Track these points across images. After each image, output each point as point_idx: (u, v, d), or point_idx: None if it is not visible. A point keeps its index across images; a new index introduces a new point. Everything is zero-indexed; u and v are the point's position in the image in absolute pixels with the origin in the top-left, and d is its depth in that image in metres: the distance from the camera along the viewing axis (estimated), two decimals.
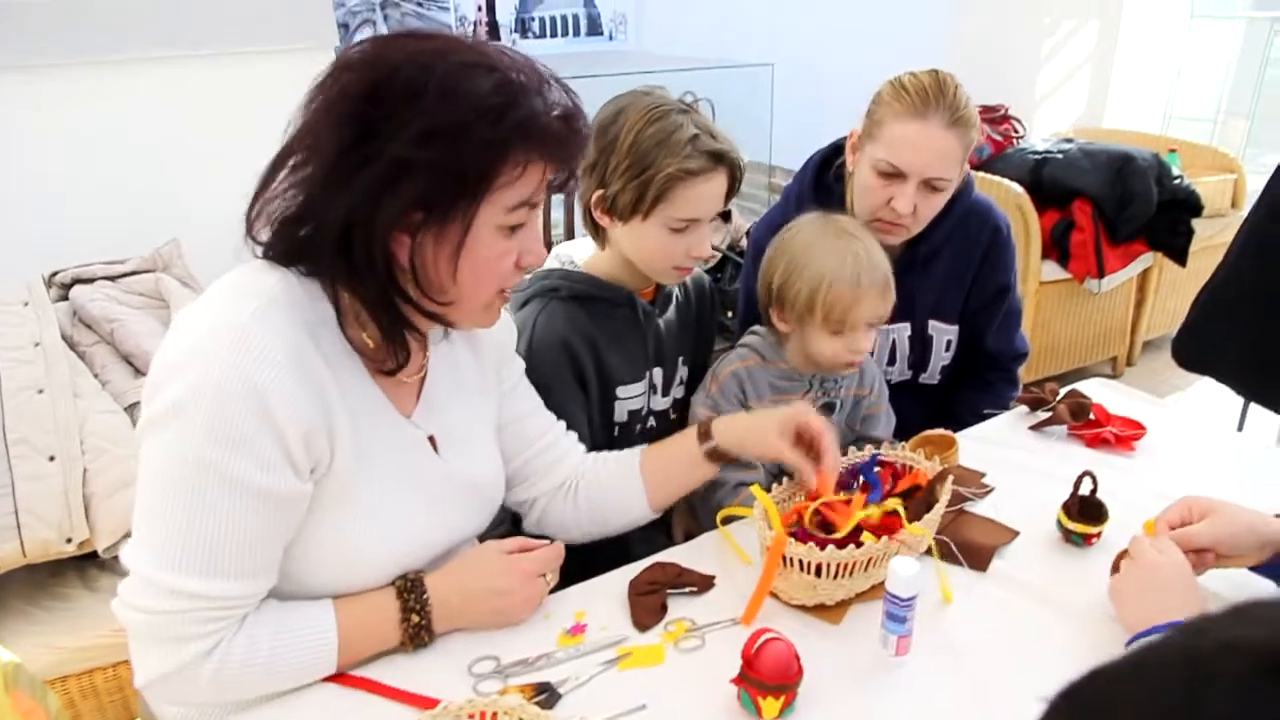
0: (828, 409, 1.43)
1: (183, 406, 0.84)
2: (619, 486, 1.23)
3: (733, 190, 1.30)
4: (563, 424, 1.26)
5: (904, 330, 1.61)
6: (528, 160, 0.89)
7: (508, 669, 0.98)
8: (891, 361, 1.63)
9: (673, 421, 1.48)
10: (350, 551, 0.98)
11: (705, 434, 1.21)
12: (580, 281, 1.35)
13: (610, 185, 1.25)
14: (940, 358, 1.64)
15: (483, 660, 0.99)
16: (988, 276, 1.61)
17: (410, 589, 1.00)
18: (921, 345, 1.63)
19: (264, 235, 0.92)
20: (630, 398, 1.40)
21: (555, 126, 0.90)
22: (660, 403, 1.46)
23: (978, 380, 1.69)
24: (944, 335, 1.63)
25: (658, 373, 1.44)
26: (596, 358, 1.35)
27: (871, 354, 1.53)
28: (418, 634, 0.99)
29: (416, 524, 1.03)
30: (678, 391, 1.49)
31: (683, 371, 1.49)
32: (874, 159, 1.43)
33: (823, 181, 1.60)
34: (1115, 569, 1.05)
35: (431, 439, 1.05)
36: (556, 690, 0.95)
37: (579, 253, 1.41)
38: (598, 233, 1.35)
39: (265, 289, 0.90)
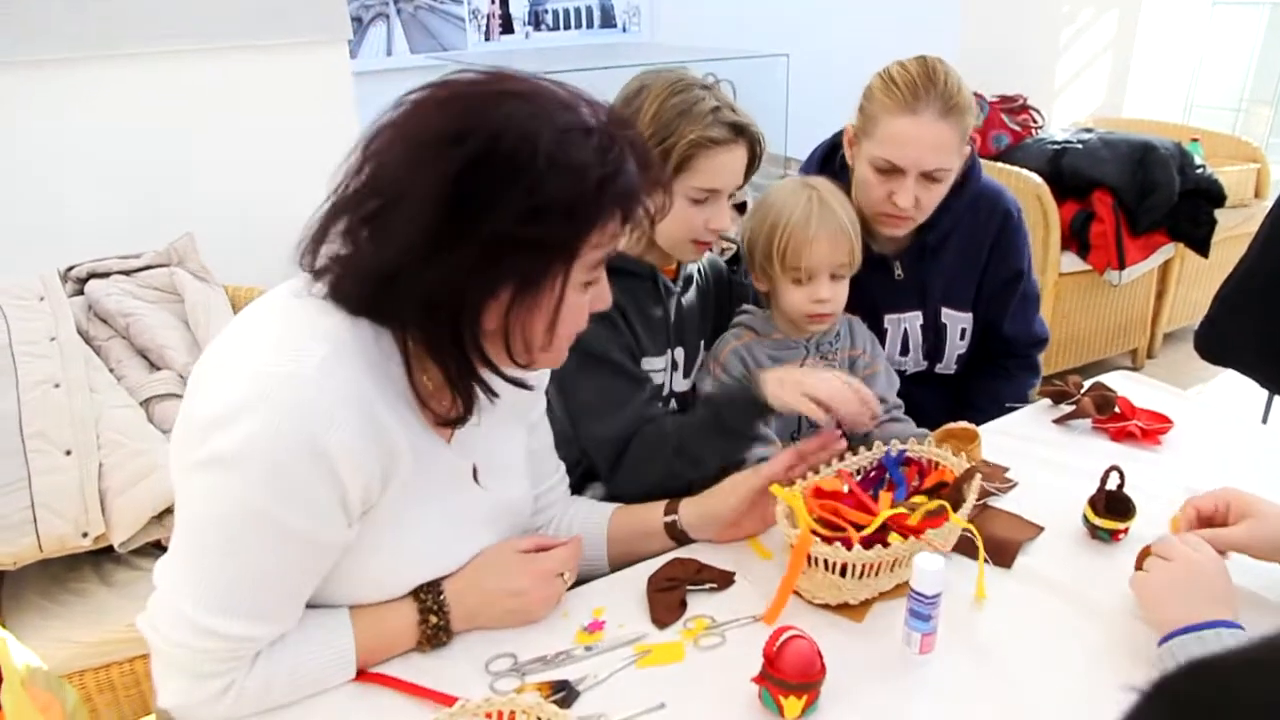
0: None
1: (244, 456, 0.81)
2: (583, 535, 1.18)
3: (752, 166, 1.31)
4: (563, 468, 1.24)
5: (915, 319, 1.59)
6: (612, 219, 0.87)
7: (525, 667, 0.97)
8: (905, 352, 1.61)
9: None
10: (380, 578, 0.97)
11: (671, 508, 1.18)
12: None
13: None
14: (955, 346, 1.62)
15: (500, 658, 0.98)
16: (1000, 262, 1.60)
17: (427, 590, 0.99)
18: (935, 334, 1.61)
19: (321, 265, 0.88)
20: (652, 371, 1.40)
21: (642, 181, 0.87)
22: (682, 384, 1.46)
23: (997, 368, 1.67)
24: (958, 323, 1.61)
25: (679, 352, 1.43)
26: (625, 323, 1.34)
27: (870, 329, 1.52)
28: (435, 635, 0.98)
29: (450, 554, 1.02)
30: (699, 376, 1.48)
31: (704, 355, 1.49)
32: (871, 155, 1.42)
33: (828, 171, 1.59)
34: (1139, 566, 1.03)
35: (474, 468, 1.04)
36: (574, 688, 0.93)
37: None
38: None
39: (329, 333, 0.85)
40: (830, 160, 1.60)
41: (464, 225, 0.80)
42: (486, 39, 4.28)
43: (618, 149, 0.85)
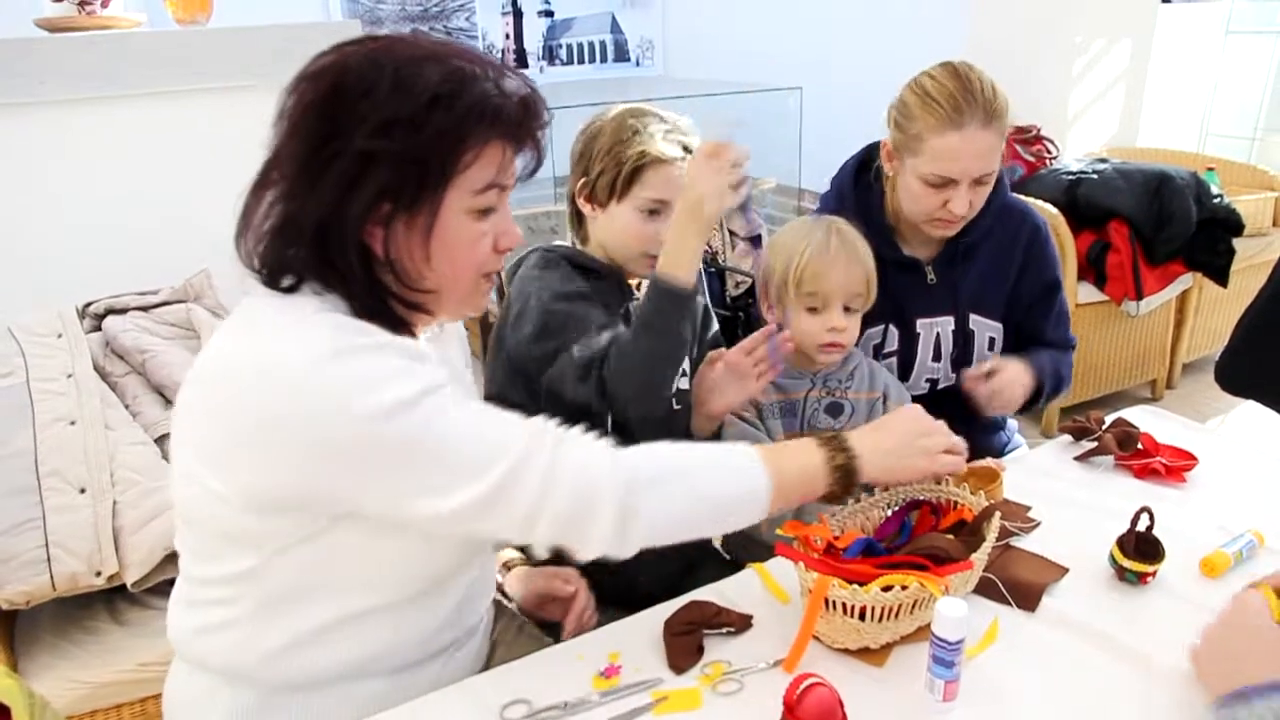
0: (834, 409, 1.41)
1: (314, 404, 0.83)
2: None
3: None
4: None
5: (947, 324, 1.59)
6: (485, 142, 0.91)
7: (540, 713, 0.95)
8: (936, 358, 1.60)
9: (675, 412, 1.45)
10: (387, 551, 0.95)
11: None
12: (568, 248, 1.43)
13: (591, 172, 1.35)
14: (983, 355, 1.61)
15: (514, 704, 0.96)
16: (1038, 271, 1.61)
17: (828, 437, 1.04)
18: (964, 340, 1.60)
19: (255, 264, 0.94)
20: None
21: (508, 108, 0.91)
22: None
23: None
24: (985, 331, 1.60)
25: None
26: (594, 310, 1.36)
27: (878, 349, 1.55)
28: (843, 451, 1.02)
29: None
30: (681, 381, 1.47)
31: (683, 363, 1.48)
32: (920, 172, 1.43)
33: (862, 181, 1.60)
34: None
35: None
36: None
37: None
38: (580, 224, 1.44)
39: (315, 311, 0.90)
40: (864, 172, 1.61)
41: (328, 149, 0.87)
42: None
43: (467, 73, 0.89)
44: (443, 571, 1.00)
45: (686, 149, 1.34)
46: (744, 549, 1.46)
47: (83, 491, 1.53)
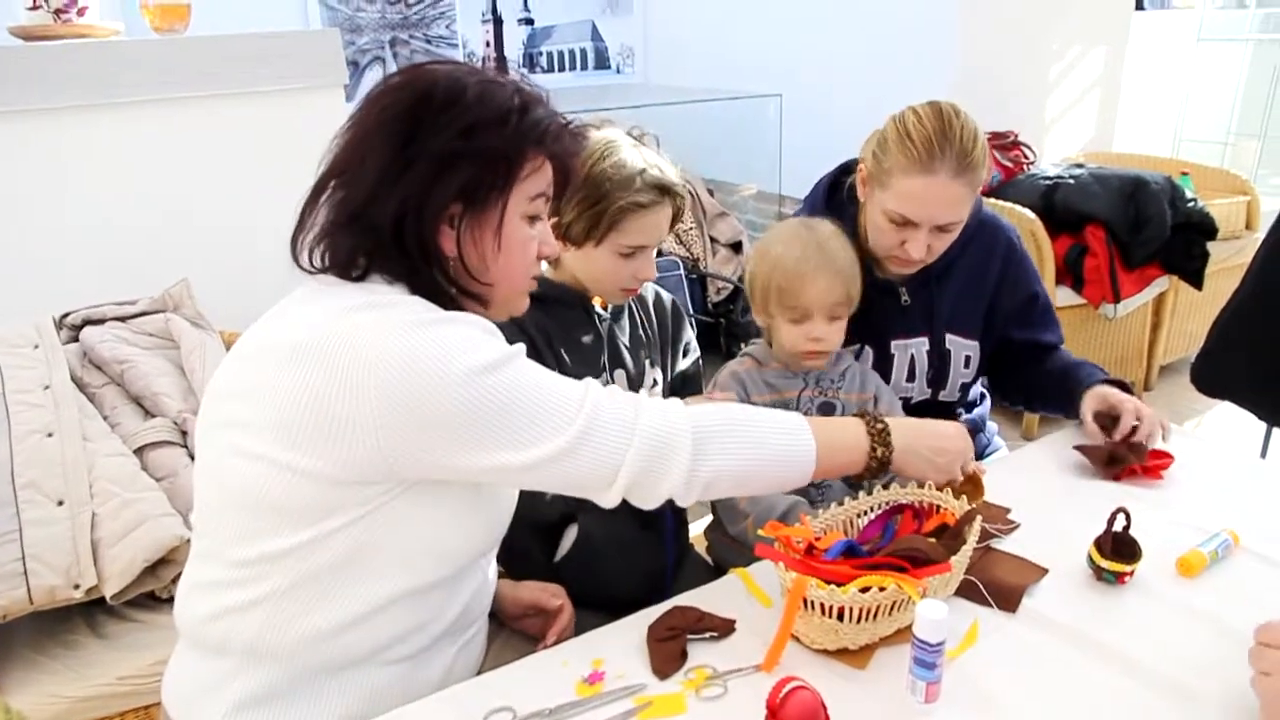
0: (826, 409, 1.43)
1: (440, 357, 0.90)
2: None
3: (675, 218, 1.40)
4: None
5: (922, 345, 1.59)
6: (541, 156, 1.03)
7: None
8: (911, 378, 1.61)
9: None
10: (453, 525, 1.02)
11: None
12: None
13: (565, 214, 1.34)
14: (960, 374, 1.62)
15: (499, 712, 0.96)
16: (1016, 286, 1.62)
17: (869, 416, 1.13)
18: (940, 359, 1.61)
19: (315, 259, 1.00)
20: None
21: (561, 131, 1.05)
22: None
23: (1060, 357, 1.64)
24: (962, 350, 1.61)
25: (620, 375, 1.45)
26: (550, 347, 1.38)
27: (856, 355, 1.54)
28: (881, 436, 1.10)
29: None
30: (655, 394, 1.49)
31: (654, 374, 1.49)
32: (885, 206, 1.44)
33: (835, 200, 1.60)
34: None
35: None
36: None
37: None
38: None
39: (393, 292, 0.98)
40: (836, 191, 1.62)
41: (413, 151, 0.96)
42: None
43: (529, 96, 1.03)
44: (473, 552, 1.06)
45: (660, 189, 1.32)
46: (726, 554, 1.46)
47: (60, 504, 1.51)
